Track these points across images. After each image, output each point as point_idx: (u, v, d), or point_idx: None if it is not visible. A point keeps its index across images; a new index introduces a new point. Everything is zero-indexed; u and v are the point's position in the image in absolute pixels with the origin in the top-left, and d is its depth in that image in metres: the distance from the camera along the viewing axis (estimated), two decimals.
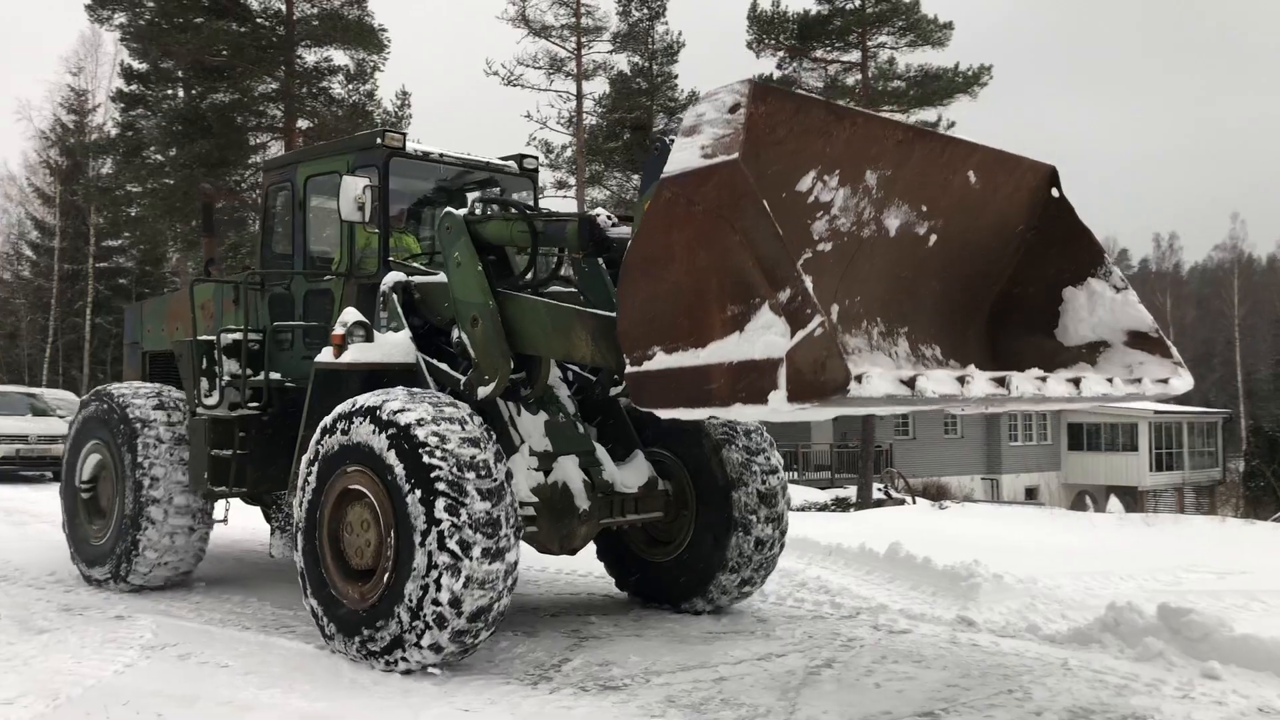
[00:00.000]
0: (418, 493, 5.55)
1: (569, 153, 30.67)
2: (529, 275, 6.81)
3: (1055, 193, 5.92)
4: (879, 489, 27.25)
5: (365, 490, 5.93)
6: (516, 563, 5.69)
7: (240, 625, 6.80)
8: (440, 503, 5.46)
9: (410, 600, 5.51)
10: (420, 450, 5.60)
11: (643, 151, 31.09)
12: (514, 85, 29.54)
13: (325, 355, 6.90)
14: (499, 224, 6.67)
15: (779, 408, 4.16)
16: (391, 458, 5.71)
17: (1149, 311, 5.85)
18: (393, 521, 5.71)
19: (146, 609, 7.27)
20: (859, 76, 26.24)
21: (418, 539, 5.53)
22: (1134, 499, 35.59)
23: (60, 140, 38.62)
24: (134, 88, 27.23)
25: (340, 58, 25.77)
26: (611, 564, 7.90)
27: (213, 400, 7.91)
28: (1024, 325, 6.06)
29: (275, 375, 7.80)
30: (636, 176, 32.13)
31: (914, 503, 24.42)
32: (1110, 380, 5.49)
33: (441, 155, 7.97)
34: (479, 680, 5.42)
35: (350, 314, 6.99)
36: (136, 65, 26.91)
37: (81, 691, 5.24)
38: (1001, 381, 4.79)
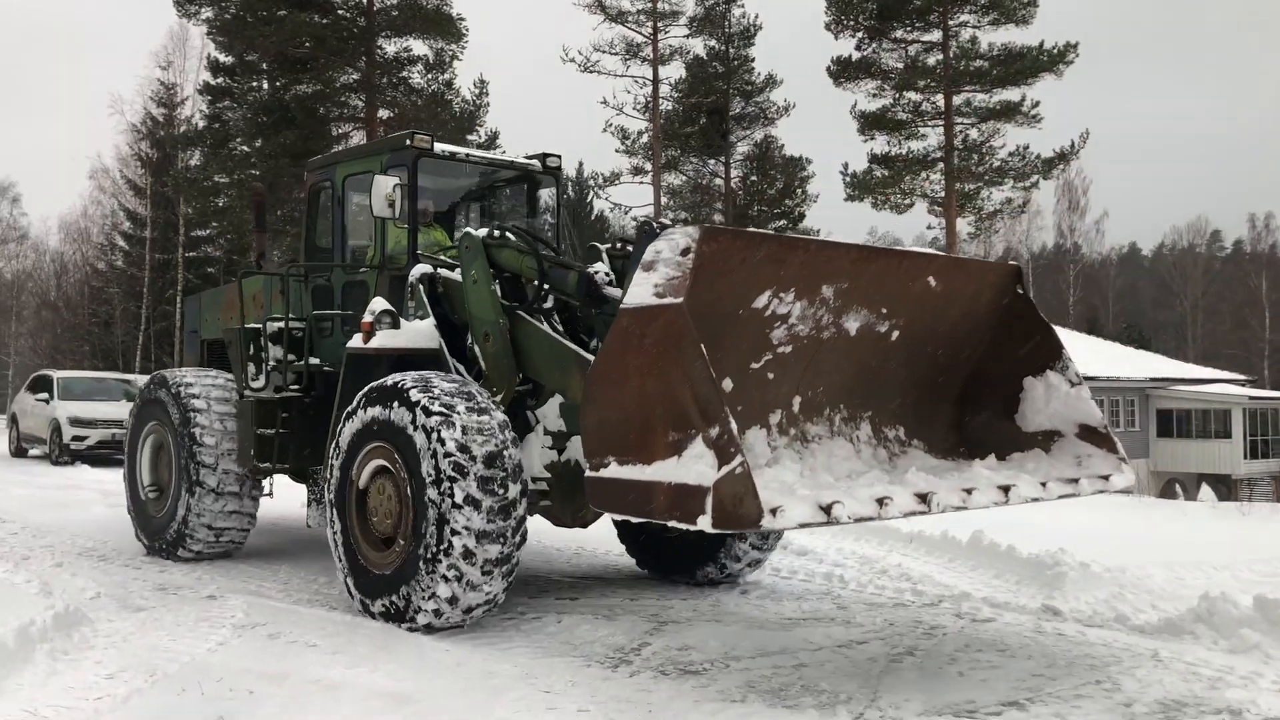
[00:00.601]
0: (430, 461, 6.06)
1: (645, 138, 30.65)
2: (546, 303, 7.22)
3: (1019, 290, 6.38)
4: None
5: (387, 463, 6.49)
6: (523, 519, 6.14)
7: (327, 605, 6.95)
8: (449, 467, 5.97)
9: (427, 560, 6.02)
10: (432, 422, 6.11)
11: (719, 137, 31.00)
12: (590, 71, 29.64)
13: (355, 341, 7.39)
14: (512, 253, 7.19)
15: (706, 529, 4.60)
16: (408, 431, 6.24)
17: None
18: (410, 490, 6.24)
19: (238, 589, 7.47)
20: (940, 56, 25.76)
21: (430, 504, 6.04)
22: (1227, 487, 34.55)
23: (150, 133, 39.61)
24: (220, 80, 27.89)
25: (419, 47, 26.09)
26: (625, 537, 8.31)
27: (259, 383, 8.50)
28: (988, 408, 6.52)
29: (315, 360, 8.36)
30: (713, 162, 32.06)
31: None
32: (1044, 484, 5.80)
33: (468, 155, 8.50)
34: (560, 662, 5.47)
35: (378, 303, 7.46)
36: (223, 59, 27.57)
37: (177, 668, 5.41)
38: (924, 498, 5.18)
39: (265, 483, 8.93)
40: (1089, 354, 40.57)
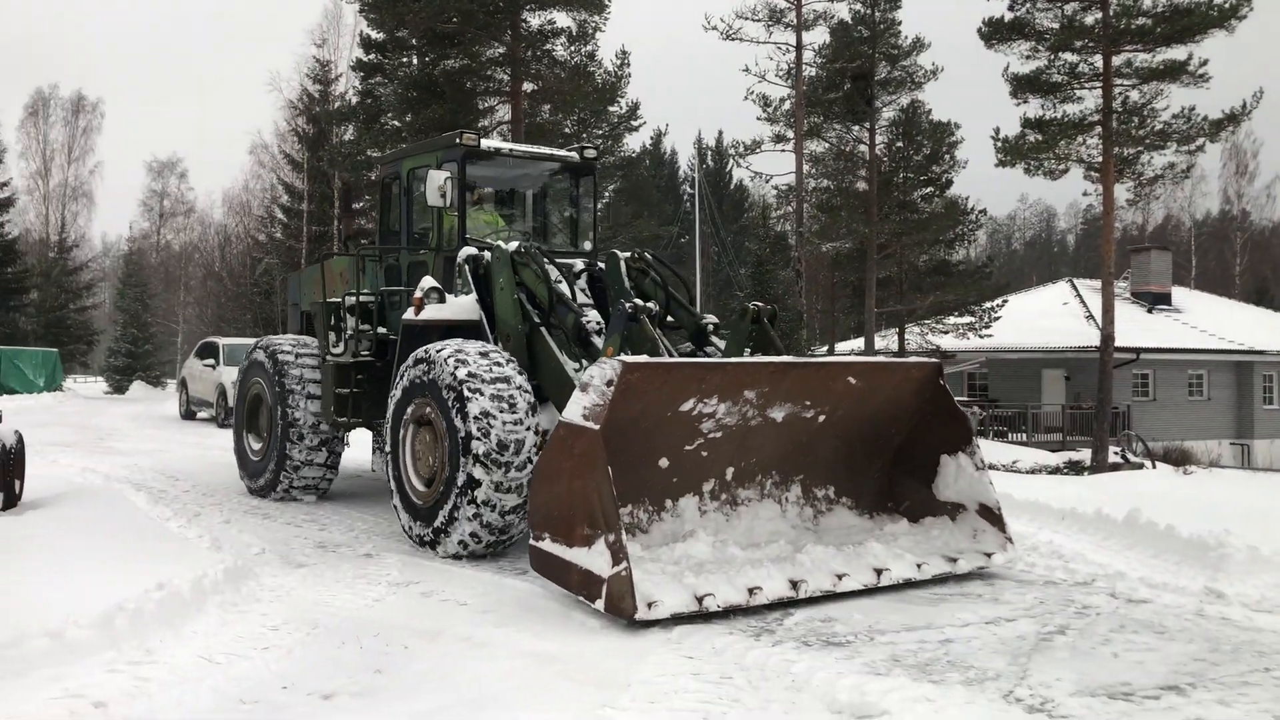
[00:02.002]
0: (459, 417, 7.23)
1: (787, 105, 30.20)
2: (575, 318, 8.10)
3: (940, 382, 7.42)
4: (1115, 452, 25.82)
5: (429, 417, 7.67)
6: None
7: (475, 566, 7.17)
8: (481, 429, 7.11)
9: (456, 501, 7.22)
10: (463, 385, 7.27)
11: (864, 103, 30.32)
12: (732, 39, 29.25)
13: (409, 313, 8.59)
14: (531, 274, 8.29)
15: (600, 611, 5.65)
16: (444, 391, 7.40)
17: None
18: (445, 440, 7.39)
19: (392, 549, 7.76)
20: (1098, 15, 24.57)
21: (460, 453, 7.19)
22: None
23: (307, 109, 40.93)
24: (372, 57, 28.63)
25: (563, 19, 26.22)
26: None
27: (338, 350, 9.71)
28: (912, 475, 7.59)
29: (383, 330, 9.59)
30: (857, 128, 31.39)
31: (1154, 467, 23.03)
32: (920, 565, 6.68)
33: (511, 150, 9.57)
34: (703, 630, 5.51)
35: (427, 281, 8.65)
36: (374, 35, 28.27)
37: (337, 622, 5.67)
38: (794, 585, 6.09)
39: (347, 436, 10.38)
40: (1256, 326, 38.46)
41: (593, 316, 8.38)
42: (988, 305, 31.02)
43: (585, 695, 4.54)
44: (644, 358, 6.45)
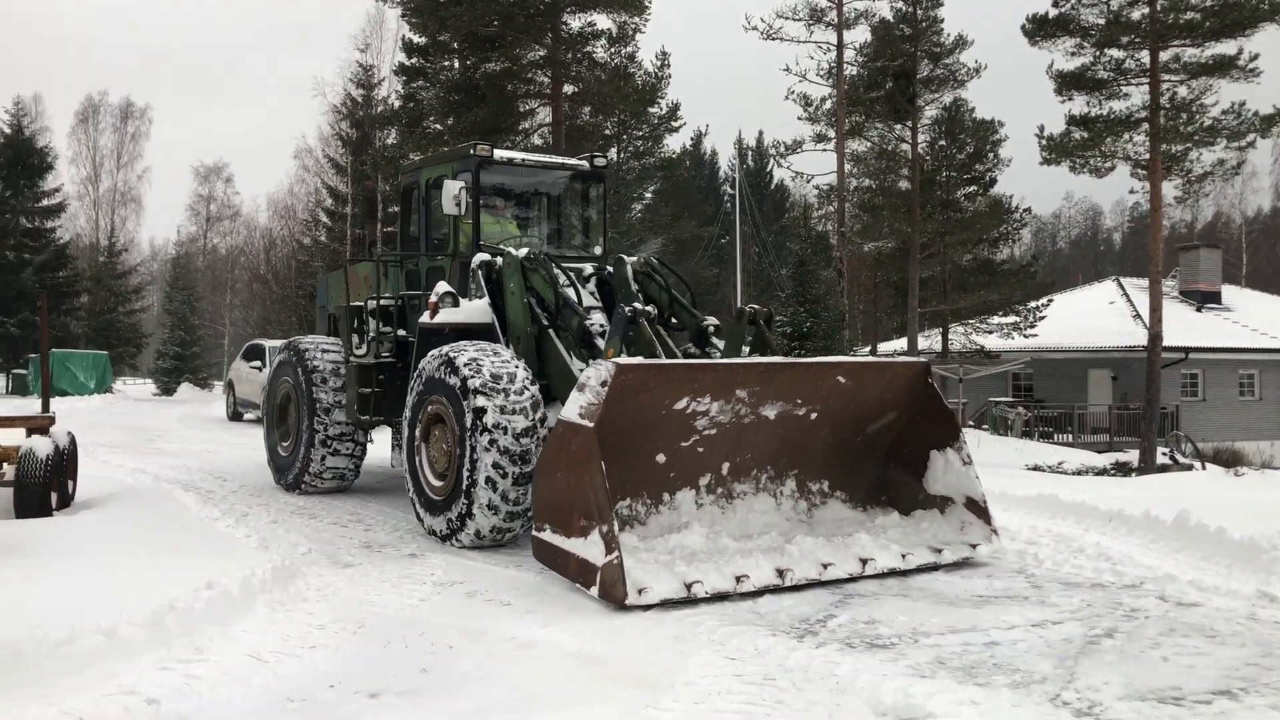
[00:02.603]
0: (470, 414, 7.62)
1: (829, 104, 30.05)
2: (580, 321, 8.43)
3: (929, 381, 7.75)
4: (1163, 454, 25.43)
5: (442, 414, 8.07)
6: None
7: (518, 566, 7.20)
8: (491, 425, 7.50)
9: (467, 497, 7.61)
10: (470, 385, 7.67)
11: (906, 101, 30.10)
12: (772, 39, 29.17)
13: (425, 317, 8.98)
14: (540, 280, 8.65)
15: (594, 597, 6.08)
16: (455, 391, 7.82)
17: None
18: (457, 438, 7.77)
19: (436, 549, 7.82)
20: (1145, 10, 24.22)
21: (470, 452, 7.59)
22: None
23: (350, 113, 41.33)
24: (414, 61, 28.84)
25: (603, 21, 26.28)
26: None
27: (361, 351, 10.12)
28: (903, 469, 7.94)
29: (403, 332, 9.97)
30: (899, 127, 31.17)
31: (1203, 469, 22.66)
32: (905, 555, 7.02)
33: (523, 160, 10.02)
34: (746, 631, 5.51)
35: (441, 286, 9.09)
36: (416, 39, 28.50)
37: (383, 621, 5.73)
38: (781, 574, 6.43)
39: (371, 433, 10.85)
40: None
41: (597, 320, 8.84)
42: (1032, 305, 30.70)
43: (629, 695, 4.55)
44: (638, 359, 6.99)
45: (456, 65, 27.02)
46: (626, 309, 8.03)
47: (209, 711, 4.34)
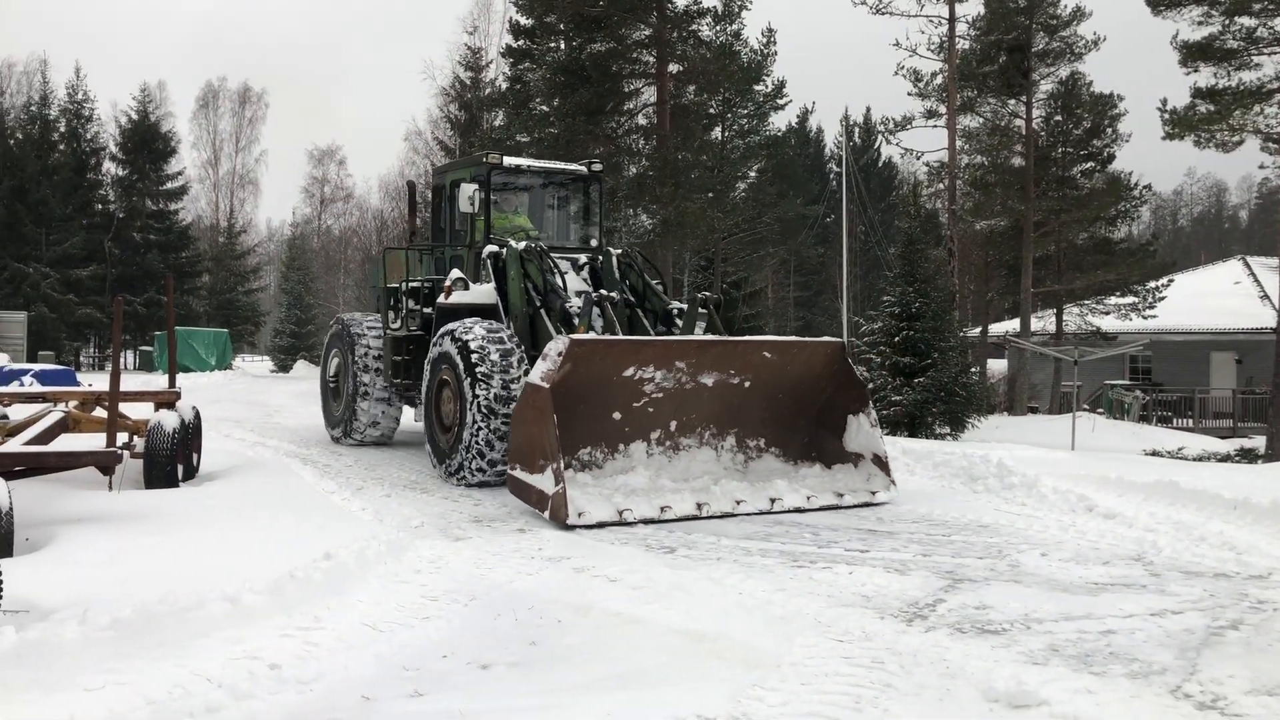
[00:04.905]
0: (468, 379, 9.49)
1: (939, 79, 29.40)
2: (561, 304, 10.27)
3: (845, 358, 9.39)
4: None
5: (449, 380, 9.94)
6: None
7: (624, 542, 7.26)
8: (480, 387, 9.39)
9: (466, 443, 9.51)
10: (471, 354, 9.53)
11: (1020, 75, 29.25)
12: (882, 13, 28.64)
13: (441, 298, 10.95)
14: (535, 269, 10.52)
15: (549, 520, 7.77)
16: (458, 359, 9.66)
17: None
18: (459, 397, 9.66)
19: (545, 524, 7.93)
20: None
21: (468, 408, 9.47)
22: None
23: (459, 96, 41.87)
24: (521, 43, 29.12)
25: None
26: None
27: (396, 325, 12.18)
28: (829, 430, 9.52)
29: (429, 310, 11.63)
30: (1012, 102, 30.33)
31: None
32: (809, 497, 8.61)
33: (529, 166, 12.10)
34: (853, 613, 5.47)
35: (455, 272, 11.24)
36: (523, 21, 28.74)
37: (493, 594, 5.84)
38: (699, 506, 8.09)
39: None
40: None
41: (576, 303, 10.19)
42: (1152, 285, 29.69)
43: (735, 674, 4.56)
44: (592, 335, 9.13)
45: (562, 46, 27.15)
46: (594, 294, 10.04)
47: (328, 678, 4.48)
